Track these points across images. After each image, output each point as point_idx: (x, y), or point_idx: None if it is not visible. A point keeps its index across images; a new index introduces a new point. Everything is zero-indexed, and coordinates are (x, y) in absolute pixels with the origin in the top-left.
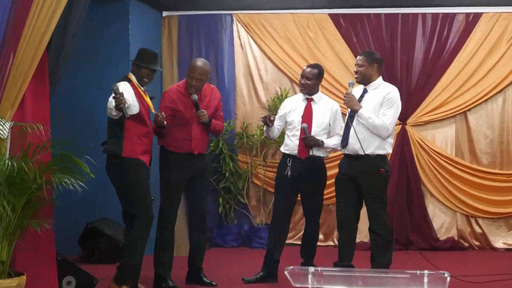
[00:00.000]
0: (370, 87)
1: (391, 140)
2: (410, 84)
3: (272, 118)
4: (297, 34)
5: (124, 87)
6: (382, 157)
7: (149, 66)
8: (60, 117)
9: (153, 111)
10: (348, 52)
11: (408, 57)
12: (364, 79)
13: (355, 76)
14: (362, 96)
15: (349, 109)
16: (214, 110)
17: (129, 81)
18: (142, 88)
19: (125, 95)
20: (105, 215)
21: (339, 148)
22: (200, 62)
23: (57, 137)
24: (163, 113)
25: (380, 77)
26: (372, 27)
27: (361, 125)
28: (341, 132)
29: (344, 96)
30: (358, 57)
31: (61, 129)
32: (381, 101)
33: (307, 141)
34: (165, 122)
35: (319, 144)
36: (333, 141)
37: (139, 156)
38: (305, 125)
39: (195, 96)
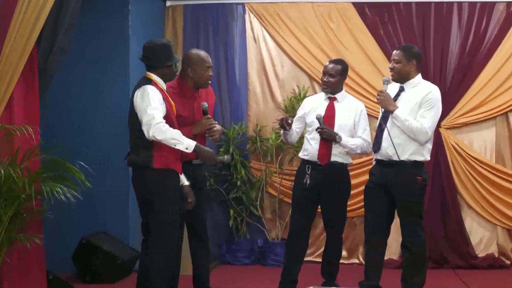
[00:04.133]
0: (407, 85)
1: (430, 146)
2: (444, 82)
3: (290, 121)
4: (317, 26)
5: (153, 94)
6: (419, 164)
7: (177, 60)
8: (51, 119)
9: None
10: (374, 45)
11: (442, 51)
12: (401, 77)
13: (391, 73)
14: (398, 95)
15: (382, 109)
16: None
17: (150, 82)
18: (165, 88)
19: (154, 102)
20: (102, 228)
21: (358, 151)
22: (200, 50)
23: (48, 141)
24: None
25: (419, 74)
26: (401, 18)
27: (396, 128)
28: (364, 136)
29: (378, 94)
30: (394, 51)
31: (53, 132)
32: (420, 101)
33: (322, 133)
34: None
35: (336, 139)
36: (353, 141)
37: (171, 165)
38: (320, 115)
39: (206, 104)
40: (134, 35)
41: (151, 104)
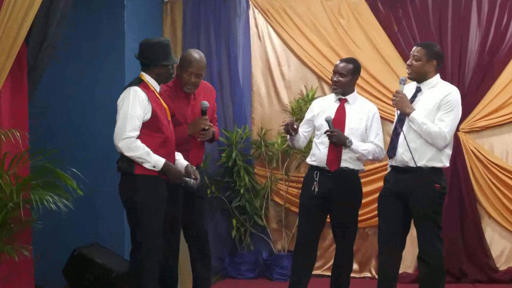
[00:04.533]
0: (424, 86)
1: (449, 152)
2: (463, 82)
3: (295, 126)
4: (327, 22)
5: (135, 98)
6: (438, 170)
7: (174, 62)
8: (41, 122)
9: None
10: (387, 43)
11: (460, 49)
12: (418, 76)
13: (408, 70)
14: (414, 96)
15: (398, 112)
16: (212, 112)
17: (140, 82)
18: (158, 89)
19: (133, 108)
20: (95, 239)
21: (370, 157)
22: (196, 53)
23: (38, 146)
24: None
25: (438, 74)
26: (417, 13)
27: (413, 132)
28: (376, 141)
29: (394, 95)
30: (414, 48)
31: (43, 136)
32: (439, 103)
33: (331, 136)
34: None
35: (346, 144)
36: (364, 146)
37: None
38: (329, 117)
39: (207, 104)
40: (130, 32)
41: (129, 111)
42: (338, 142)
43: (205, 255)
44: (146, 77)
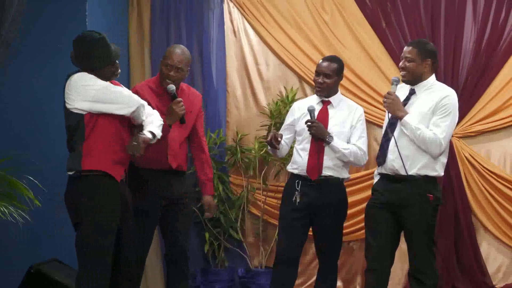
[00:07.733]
0: (419, 88)
1: (445, 160)
2: (457, 83)
3: (279, 139)
4: (308, 17)
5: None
6: (431, 179)
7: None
8: None
9: None
10: (375, 40)
11: (454, 47)
12: (414, 78)
13: (401, 73)
14: (407, 99)
15: (389, 115)
16: (195, 117)
17: None
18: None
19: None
20: (55, 255)
21: (351, 159)
22: (178, 48)
23: None
24: None
25: (433, 75)
26: (407, 8)
27: (406, 138)
28: (359, 144)
29: (385, 97)
30: (406, 48)
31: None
32: (434, 107)
33: (311, 127)
34: None
35: (326, 138)
36: (345, 145)
37: (107, 169)
38: (312, 106)
39: (173, 87)
40: (92, 25)
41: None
42: (317, 134)
43: (181, 270)
44: None
